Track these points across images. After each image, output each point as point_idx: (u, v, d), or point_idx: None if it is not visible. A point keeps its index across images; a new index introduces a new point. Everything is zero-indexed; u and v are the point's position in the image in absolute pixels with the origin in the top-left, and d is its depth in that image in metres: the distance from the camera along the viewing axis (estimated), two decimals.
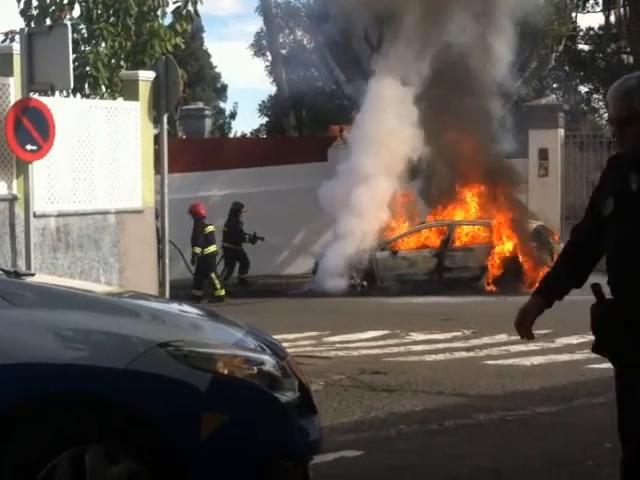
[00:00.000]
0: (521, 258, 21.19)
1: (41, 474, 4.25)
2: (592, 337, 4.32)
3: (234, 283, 23.05)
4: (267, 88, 48.63)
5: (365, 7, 23.13)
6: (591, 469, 6.76)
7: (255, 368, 4.51)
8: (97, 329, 4.42)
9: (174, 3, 16.05)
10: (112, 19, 15.67)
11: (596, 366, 10.79)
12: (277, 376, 4.57)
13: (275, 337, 5.29)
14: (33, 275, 5.37)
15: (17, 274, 4.97)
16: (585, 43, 36.36)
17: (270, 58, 35.47)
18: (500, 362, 11.35)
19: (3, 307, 4.40)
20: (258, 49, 37.81)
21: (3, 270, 4.95)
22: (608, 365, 10.52)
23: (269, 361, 4.59)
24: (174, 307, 5.14)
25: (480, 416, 8.32)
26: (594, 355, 12.24)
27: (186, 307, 5.13)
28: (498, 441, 7.55)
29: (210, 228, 21.24)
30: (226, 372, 4.43)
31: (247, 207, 23.63)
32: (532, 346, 12.54)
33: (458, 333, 14.00)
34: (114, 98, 15.05)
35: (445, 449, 7.32)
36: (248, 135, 42.28)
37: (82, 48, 15.66)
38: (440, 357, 11.85)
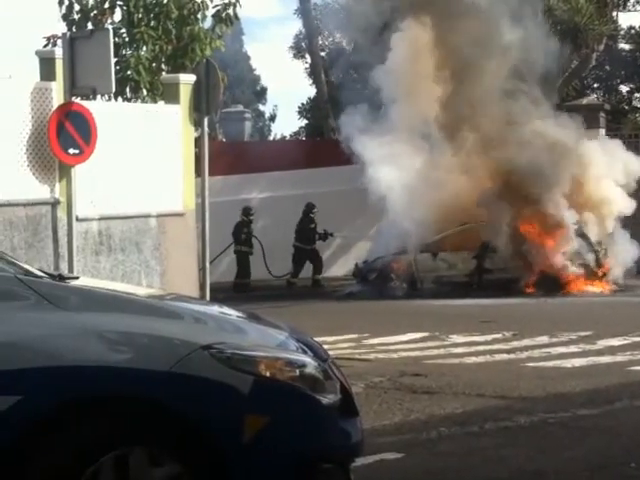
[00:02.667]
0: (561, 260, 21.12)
1: (85, 476, 4.29)
2: (635, 339, 4.27)
3: (307, 284, 23.38)
4: (306, 90, 48.79)
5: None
6: (634, 472, 6.73)
7: (297, 370, 4.52)
8: (140, 332, 4.45)
9: (214, 7, 16.12)
10: (153, 23, 15.76)
11: (639, 368, 10.74)
12: (319, 378, 4.58)
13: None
14: (77, 278, 5.42)
15: (61, 277, 5.03)
16: (626, 42, 36.08)
17: (309, 60, 35.54)
18: (541, 364, 11.30)
19: (47, 310, 4.45)
20: (297, 51, 37.90)
21: (48, 273, 5.01)
22: None
23: (311, 363, 4.61)
24: (215, 309, 5.17)
25: (521, 418, 8.30)
26: (637, 357, 12.25)
27: (227, 309, 5.16)
28: (539, 443, 7.53)
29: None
30: (268, 374, 4.45)
31: (287, 209, 23.84)
32: (573, 348, 12.51)
33: (498, 335, 13.96)
34: (155, 101, 15.15)
35: (486, 451, 7.32)
36: (287, 137, 42.37)
37: (123, 52, 15.77)
38: (480, 359, 11.82)
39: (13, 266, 4.72)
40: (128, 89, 15.64)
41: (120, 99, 15.32)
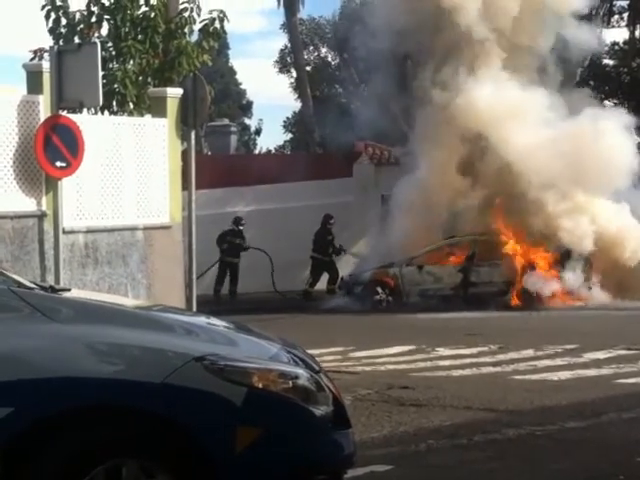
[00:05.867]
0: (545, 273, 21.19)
1: None
2: (620, 352, 4.31)
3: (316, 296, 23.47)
4: (292, 104, 48.96)
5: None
6: None
7: (290, 382, 4.54)
8: (134, 344, 4.46)
9: (201, 22, 16.13)
10: (140, 37, 15.75)
11: (624, 381, 10.79)
12: (312, 390, 4.60)
13: None
14: (69, 290, 5.42)
15: (53, 289, 5.03)
16: (610, 58, 36.31)
17: (295, 75, 35.63)
18: (527, 377, 11.34)
19: (41, 321, 4.46)
20: (283, 66, 38.03)
21: (40, 285, 5.01)
22: (637, 380, 10.49)
23: (304, 375, 4.63)
24: (204, 321, 5.17)
25: (509, 431, 8.31)
26: (622, 370, 12.25)
27: (215, 320, 5.16)
28: (527, 456, 7.55)
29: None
30: (261, 386, 4.46)
31: (272, 222, 23.91)
32: (559, 361, 12.55)
33: (484, 348, 13.99)
34: (141, 115, 15.14)
35: (475, 464, 7.33)
36: (273, 151, 42.42)
37: (110, 66, 15.74)
38: (467, 372, 11.84)
39: (5, 278, 4.72)
40: (115, 102, 15.61)
41: (107, 112, 15.30)
